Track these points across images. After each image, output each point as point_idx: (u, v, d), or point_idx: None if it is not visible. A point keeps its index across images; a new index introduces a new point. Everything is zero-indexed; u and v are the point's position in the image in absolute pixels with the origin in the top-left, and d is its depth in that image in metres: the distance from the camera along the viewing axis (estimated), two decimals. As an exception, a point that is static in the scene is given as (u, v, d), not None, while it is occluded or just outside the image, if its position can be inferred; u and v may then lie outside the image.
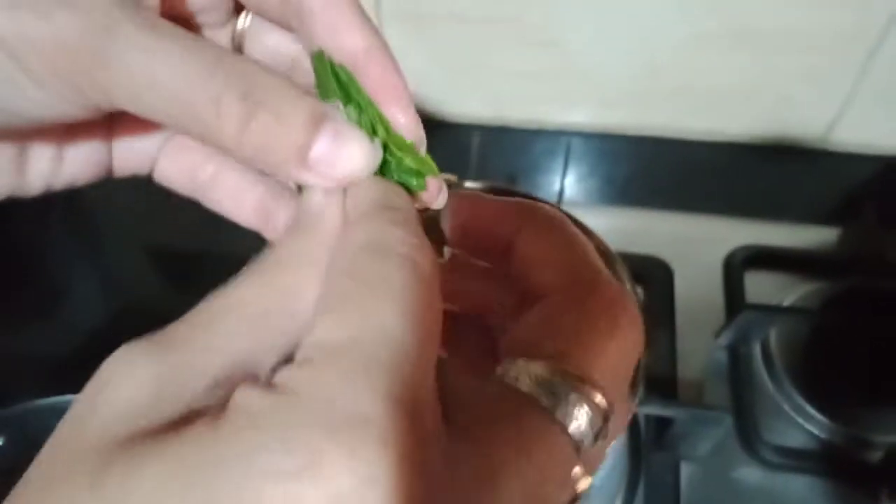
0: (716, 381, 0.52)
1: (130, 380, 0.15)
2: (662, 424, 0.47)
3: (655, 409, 0.40)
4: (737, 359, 0.52)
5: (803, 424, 0.49)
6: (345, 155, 0.16)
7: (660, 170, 0.68)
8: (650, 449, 0.48)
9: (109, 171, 0.23)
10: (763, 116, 0.67)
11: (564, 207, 0.45)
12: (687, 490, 0.47)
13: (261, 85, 0.15)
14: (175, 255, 0.65)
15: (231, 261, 0.71)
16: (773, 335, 0.53)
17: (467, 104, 0.71)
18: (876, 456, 0.47)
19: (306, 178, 0.16)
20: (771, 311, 0.51)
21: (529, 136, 0.71)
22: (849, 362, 0.51)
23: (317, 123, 0.16)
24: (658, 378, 0.52)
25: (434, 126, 0.73)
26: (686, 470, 0.48)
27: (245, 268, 0.17)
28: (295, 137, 0.16)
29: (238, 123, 0.15)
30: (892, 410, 0.48)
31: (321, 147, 0.16)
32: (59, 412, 0.50)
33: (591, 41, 0.63)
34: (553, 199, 0.49)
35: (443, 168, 0.20)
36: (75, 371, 0.57)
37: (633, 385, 0.35)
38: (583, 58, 0.65)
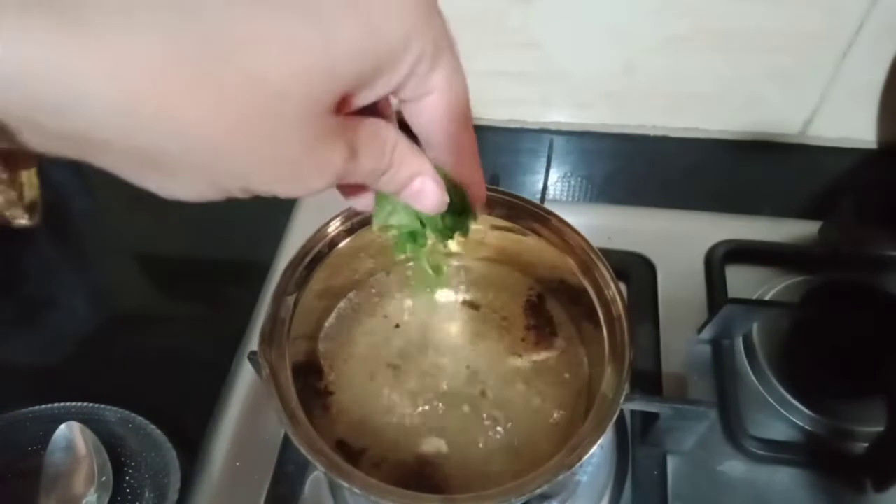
0: (699, 374, 0.52)
1: None
2: (648, 420, 0.47)
3: (641, 405, 0.40)
4: (720, 352, 0.52)
5: (787, 416, 0.49)
6: (427, 190, 0.27)
7: (640, 167, 0.69)
8: (636, 444, 0.49)
9: None
10: (739, 113, 0.67)
11: (547, 205, 0.45)
12: (674, 483, 0.47)
13: (400, 150, 0.25)
14: (160, 261, 0.65)
15: (216, 267, 0.71)
16: (756, 329, 0.53)
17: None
18: (859, 447, 0.47)
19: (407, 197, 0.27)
20: (753, 305, 0.51)
21: (511, 135, 0.72)
22: (831, 354, 0.51)
23: (419, 174, 0.26)
24: (642, 373, 0.52)
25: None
26: (672, 463, 0.48)
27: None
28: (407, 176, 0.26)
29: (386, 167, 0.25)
30: (875, 401, 0.48)
31: (415, 185, 0.26)
32: (46, 420, 0.49)
33: (570, 42, 0.64)
34: (535, 197, 0.49)
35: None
36: (62, 380, 0.57)
37: (621, 382, 0.35)
38: (562, 58, 0.65)
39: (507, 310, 0.47)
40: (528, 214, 0.43)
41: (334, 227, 0.41)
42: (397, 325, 0.46)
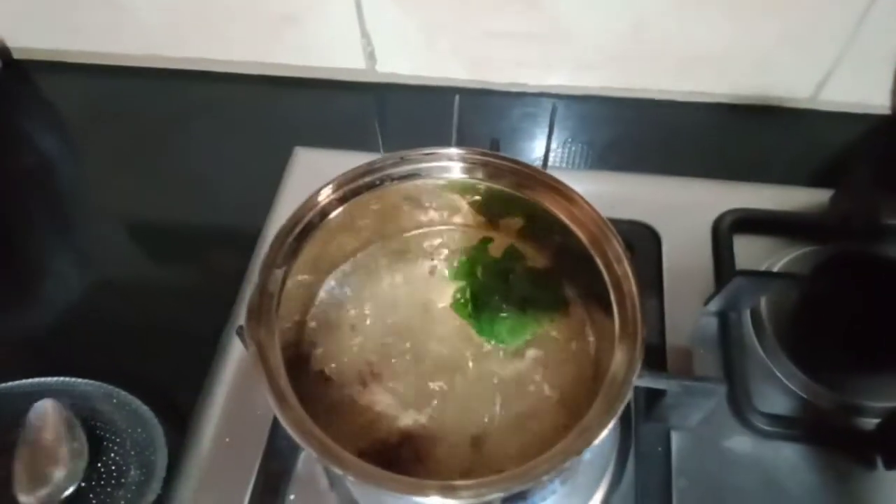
0: (706, 348, 0.50)
1: None
2: (653, 395, 0.45)
3: (647, 382, 0.38)
4: (727, 325, 0.50)
5: (795, 391, 0.48)
6: None
7: (645, 133, 0.66)
8: (640, 420, 0.47)
9: None
10: (749, 77, 0.64)
11: (552, 171, 0.43)
12: (678, 460, 0.46)
13: None
14: (146, 228, 0.62)
15: (203, 234, 0.69)
16: (764, 301, 0.51)
17: (447, 67, 0.68)
18: (870, 423, 0.46)
19: None
20: (762, 277, 0.49)
21: (511, 98, 0.69)
22: (841, 327, 0.49)
23: None
24: (647, 346, 0.50)
25: (413, 90, 0.70)
26: (677, 439, 0.47)
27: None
28: None
29: None
30: (886, 376, 0.47)
31: None
32: (25, 397, 0.46)
33: (575, 2, 0.60)
34: (537, 163, 0.46)
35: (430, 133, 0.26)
36: (45, 353, 0.54)
37: (633, 362, 0.33)
38: (566, 19, 0.62)
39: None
40: (537, 183, 0.41)
41: (325, 196, 0.39)
42: (391, 299, 0.44)
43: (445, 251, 0.46)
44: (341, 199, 0.39)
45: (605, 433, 0.31)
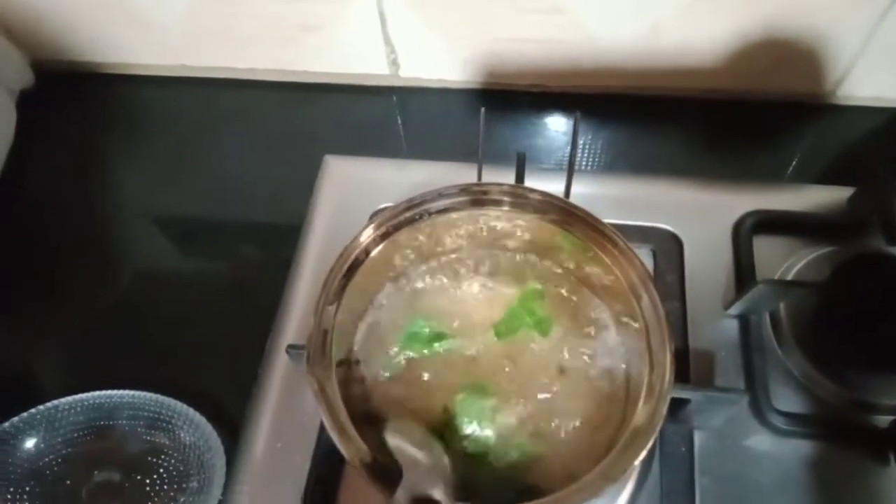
0: (727, 350, 0.53)
1: None
2: (678, 401, 0.48)
3: (673, 393, 0.41)
4: (747, 328, 0.53)
5: (813, 391, 0.50)
6: None
7: (666, 132, 0.67)
8: (665, 422, 0.50)
9: None
10: (768, 75, 0.65)
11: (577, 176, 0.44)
12: (700, 459, 0.49)
13: None
14: (190, 237, 0.65)
15: (246, 242, 0.71)
16: (783, 304, 0.53)
17: (469, 71, 0.69)
18: (884, 420, 0.49)
19: None
20: (781, 286, 0.51)
21: (534, 100, 0.70)
22: (858, 328, 0.51)
23: None
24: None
25: (436, 93, 0.71)
26: (699, 439, 0.49)
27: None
28: None
29: None
30: (900, 375, 0.49)
31: None
32: (87, 408, 0.50)
33: (595, 5, 0.61)
34: (562, 168, 0.48)
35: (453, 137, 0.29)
36: (94, 367, 0.57)
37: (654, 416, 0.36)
38: (587, 23, 0.62)
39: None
40: (574, 219, 0.43)
41: (367, 236, 0.41)
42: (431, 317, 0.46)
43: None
44: (383, 236, 0.42)
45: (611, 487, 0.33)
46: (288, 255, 0.60)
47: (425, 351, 0.44)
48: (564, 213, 0.43)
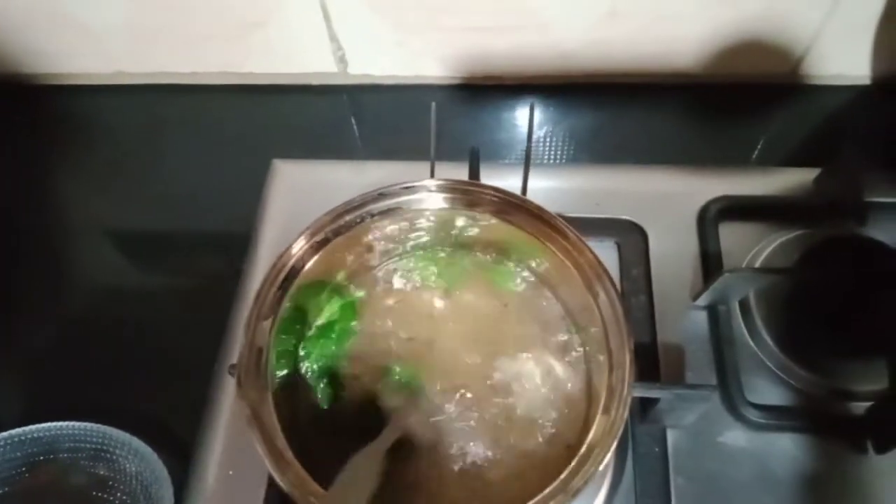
0: (696, 343, 0.51)
1: None
2: (648, 400, 0.46)
3: (641, 392, 0.38)
4: (716, 319, 0.51)
5: (786, 380, 0.49)
6: None
7: (626, 120, 0.65)
8: (636, 422, 0.48)
9: None
10: (730, 56, 0.63)
11: (533, 168, 0.41)
12: (675, 458, 0.47)
13: None
14: (135, 251, 0.62)
15: (192, 257, 0.67)
16: (752, 291, 0.51)
17: (421, 65, 0.66)
18: (860, 407, 0.47)
19: None
20: (748, 274, 0.49)
21: (487, 92, 0.67)
22: (829, 313, 0.49)
23: None
24: (638, 346, 0.50)
25: (387, 90, 0.69)
26: (672, 437, 0.47)
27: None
28: None
29: None
30: (874, 360, 0.47)
31: None
32: (23, 443, 0.46)
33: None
34: (519, 160, 0.46)
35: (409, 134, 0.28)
36: (36, 396, 0.53)
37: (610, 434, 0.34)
38: (539, 9, 0.60)
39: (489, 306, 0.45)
40: (542, 223, 0.40)
41: (300, 246, 0.38)
42: (382, 326, 0.44)
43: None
44: (322, 243, 0.39)
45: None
46: (239, 266, 0.57)
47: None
48: (513, 207, 0.40)
